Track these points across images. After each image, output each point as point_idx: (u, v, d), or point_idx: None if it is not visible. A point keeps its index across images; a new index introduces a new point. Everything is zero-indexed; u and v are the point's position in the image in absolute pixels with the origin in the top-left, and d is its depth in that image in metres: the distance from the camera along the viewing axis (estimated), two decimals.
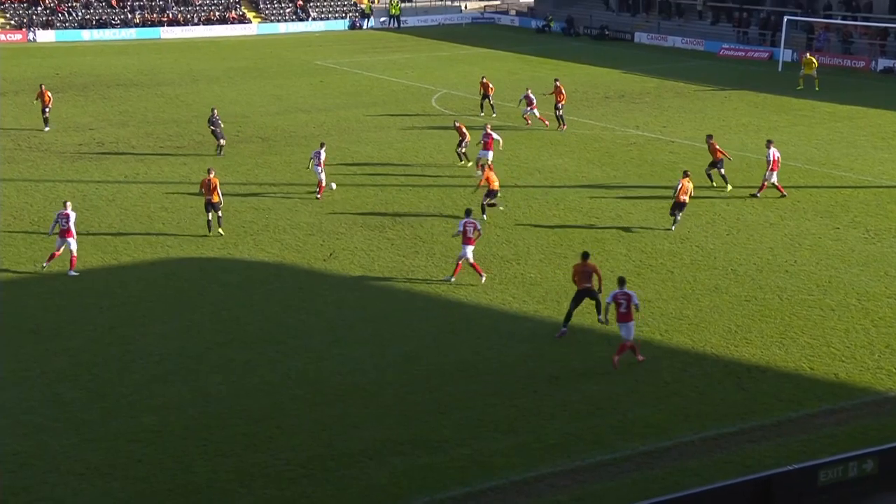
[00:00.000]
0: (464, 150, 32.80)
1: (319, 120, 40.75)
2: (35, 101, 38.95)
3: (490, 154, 30.91)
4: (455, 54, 61.28)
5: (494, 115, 39.63)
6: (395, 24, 75.32)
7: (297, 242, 25.80)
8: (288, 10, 75.23)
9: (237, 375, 18.49)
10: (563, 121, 37.94)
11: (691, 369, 18.60)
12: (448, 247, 25.18)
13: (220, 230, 26.17)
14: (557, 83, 38.31)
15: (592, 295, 20.03)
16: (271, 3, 75.75)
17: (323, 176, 29.48)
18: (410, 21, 76.40)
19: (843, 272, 23.25)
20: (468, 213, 23.31)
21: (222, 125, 35.03)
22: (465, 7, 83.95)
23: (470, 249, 22.56)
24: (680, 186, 26.02)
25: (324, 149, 29.86)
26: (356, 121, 40.53)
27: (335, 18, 75.81)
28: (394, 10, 75.63)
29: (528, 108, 37.79)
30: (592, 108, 43.15)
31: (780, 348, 19.33)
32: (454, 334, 20.35)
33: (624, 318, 18.56)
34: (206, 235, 26.07)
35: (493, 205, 27.38)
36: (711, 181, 29.95)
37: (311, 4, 76.28)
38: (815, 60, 47.49)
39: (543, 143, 36.16)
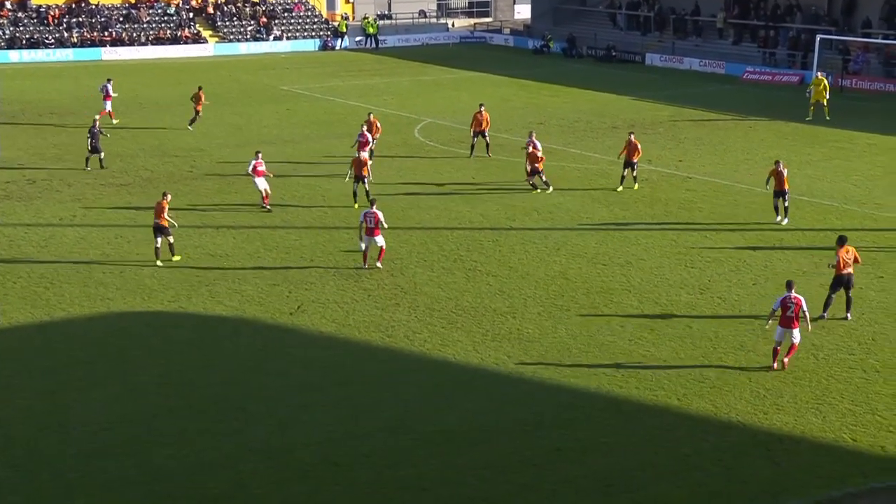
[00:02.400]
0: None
1: (286, 153, 41.01)
2: (192, 103, 45.90)
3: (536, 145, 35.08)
4: (441, 78, 61.90)
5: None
6: (373, 45, 76.16)
7: (260, 293, 25.88)
8: (249, 29, 75.98)
9: (190, 447, 18.45)
10: (484, 148, 39.92)
11: (714, 439, 18.66)
12: (433, 298, 25.33)
13: (173, 257, 27.95)
14: (482, 109, 40.07)
15: (848, 285, 23.49)
16: (230, 20, 76.51)
17: (265, 186, 32.60)
18: (390, 41, 77.29)
19: (889, 328, 23.44)
20: (372, 203, 27.25)
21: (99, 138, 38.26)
22: (453, 25, 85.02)
23: (376, 239, 26.77)
24: (776, 174, 30.56)
25: (259, 157, 32.74)
26: (328, 154, 40.80)
27: (304, 38, 76.58)
28: (370, 29, 76.52)
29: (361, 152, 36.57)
30: (598, 140, 43.60)
31: (816, 416, 19.42)
32: (440, 399, 20.40)
33: (789, 323, 20.93)
34: (154, 285, 26.17)
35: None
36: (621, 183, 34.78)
37: (276, 22, 77.08)
38: (826, 81, 47.82)
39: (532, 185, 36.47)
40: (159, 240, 27.65)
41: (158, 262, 27.59)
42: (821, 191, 34.25)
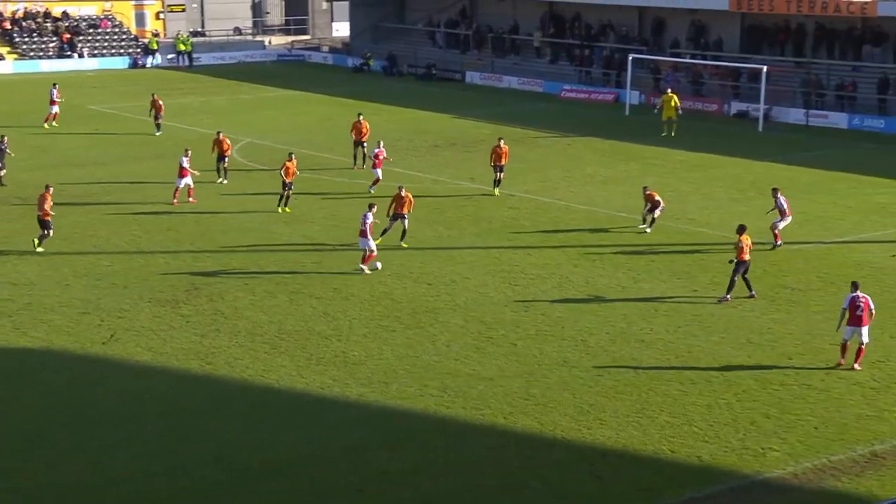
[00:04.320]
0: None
1: (96, 175, 39.87)
2: (150, 112, 48.95)
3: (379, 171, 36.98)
4: (259, 97, 61.36)
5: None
6: (186, 62, 74.86)
7: (69, 323, 25.03)
8: (52, 45, 73.54)
9: None
10: (362, 159, 40.95)
11: (540, 456, 19.05)
12: (255, 323, 25.01)
13: (41, 248, 29.99)
14: (361, 118, 41.63)
15: (747, 269, 26.50)
16: (30, 36, 73.86)
17: None
18: (204, 58, 76.09)
19: (703, 340, 24.44)
20: (371, 206, 28.86)
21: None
22: (269, 42, 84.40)
23: (369, 241, 28.34)
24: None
25: None
26: (142, 176, 39.86)
27: (112, 55, 74.68)
28: (182, 46, 75.13)
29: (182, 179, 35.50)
30: (420, 158, 44.02)
31: (637, 429, 20.07)
32: (263, 427, 20.15)
33: (858, 321, 22.21)
34: None
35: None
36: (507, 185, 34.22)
37: (81, 39, 74.82)
38: (676, 98, 49.76)
39: (365, 200, 36.54)
40: (44, 231, 30.01)
41: (39, 249, 29.90)
42: (637, 207, 35.41)
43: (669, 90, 50.97)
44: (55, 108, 50.14)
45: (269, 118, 53.76)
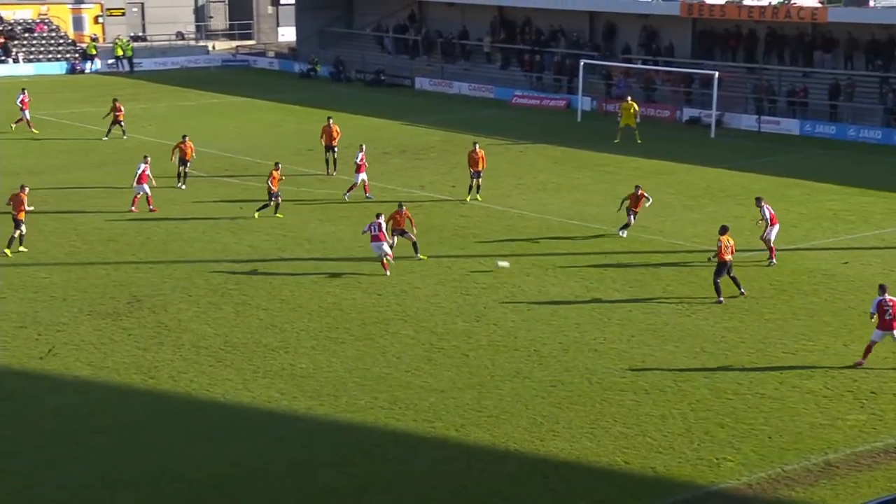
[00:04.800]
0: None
1: (32, 184, 39.21)
2: (107, 116, 48.90)
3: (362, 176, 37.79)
4: (203, 103, 60.97)
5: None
6: (127, 68, 74.22)
7: (5, 338, 24.68)
8: None
9: None
10: (333, 164, 41.84)
11: (492, 469, 19.06)
12: (200, 335, 24.82)
13: (22, 248, 30.53)
14: (331, 122, 42.12)
15: (730, 270, 27.21)
16: None
17: None
18: (146, 64, 75.53)
19: (657, 349, 24.61)
20: (378, 216, 29.20)
21: None
22: (213, 47, 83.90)
23: (383, 245, 29.05)
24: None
25: None
26: (81, 185, 39.45)
27: (49, 60, 73.86)
28: (120, 51, 74.40)
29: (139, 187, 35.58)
30: (370, 166, 43.90)
31: (591, 440, 20.15)
32: (209, 442, 19.99)
33: (888, 325, 22.42)
34: None
35: None
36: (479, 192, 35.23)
37: (16, 43, 73.92)
38: (636, 106, 50.28)
39: (313, 209, 36.51)
40: (17, 231, 30.43)
41: (7, 252, 30.18)
42: (590, 215, 35.66)
43: (629, 98, 51.32)
44: (27, 114, 50.13)
45: (213, 125, 53.43)
